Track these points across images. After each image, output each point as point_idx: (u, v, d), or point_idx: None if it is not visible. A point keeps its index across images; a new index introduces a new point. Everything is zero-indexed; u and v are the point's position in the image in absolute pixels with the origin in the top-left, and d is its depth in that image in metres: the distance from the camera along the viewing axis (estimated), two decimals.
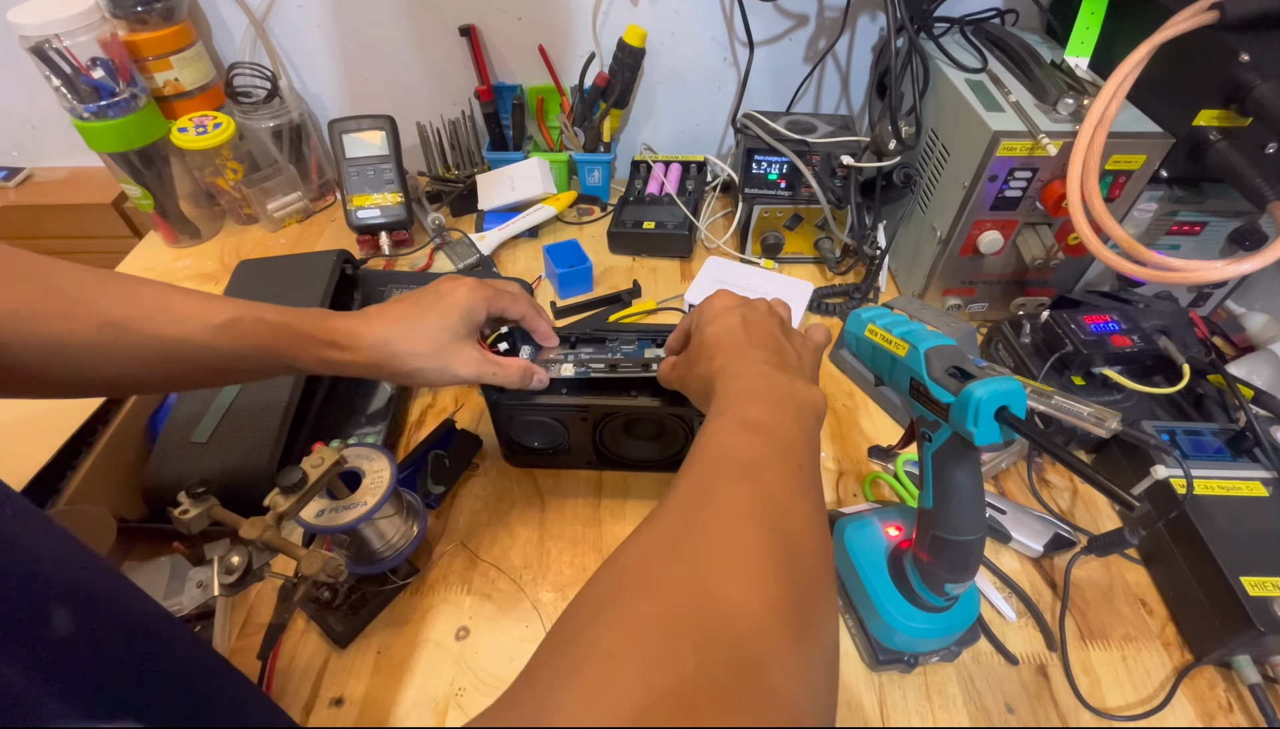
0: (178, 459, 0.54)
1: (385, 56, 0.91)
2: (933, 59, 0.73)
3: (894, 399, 0.66)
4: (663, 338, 0.58)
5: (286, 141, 0.88)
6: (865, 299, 0.78)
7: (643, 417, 0.55)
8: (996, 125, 0.59)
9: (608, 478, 0.61)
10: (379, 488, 0.47)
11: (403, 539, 0.51)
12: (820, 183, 0.76)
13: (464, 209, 0.92)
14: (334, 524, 0.45)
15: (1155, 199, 0.65)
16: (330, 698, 0.47)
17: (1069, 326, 0.62)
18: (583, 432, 0.56)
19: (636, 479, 0.61)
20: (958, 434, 0.37)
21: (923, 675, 0.48)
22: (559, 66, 0.89)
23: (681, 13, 0.86)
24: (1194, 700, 0.47)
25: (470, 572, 0.54)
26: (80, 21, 0.72)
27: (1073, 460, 0.33)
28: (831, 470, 0.62)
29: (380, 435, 0.61)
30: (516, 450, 0.60)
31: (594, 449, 0.58)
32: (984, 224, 0.66)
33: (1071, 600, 0.52)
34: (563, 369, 0.55)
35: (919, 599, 0.44)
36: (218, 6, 0.87)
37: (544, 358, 0.56)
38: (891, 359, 0.42)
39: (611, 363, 0.54)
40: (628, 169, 0.94)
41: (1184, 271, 0.53)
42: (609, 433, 0.57)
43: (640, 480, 0.61)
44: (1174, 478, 0.52)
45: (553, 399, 0.54)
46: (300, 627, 0.50)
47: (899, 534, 0.49)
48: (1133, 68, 0.55)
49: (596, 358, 0.55)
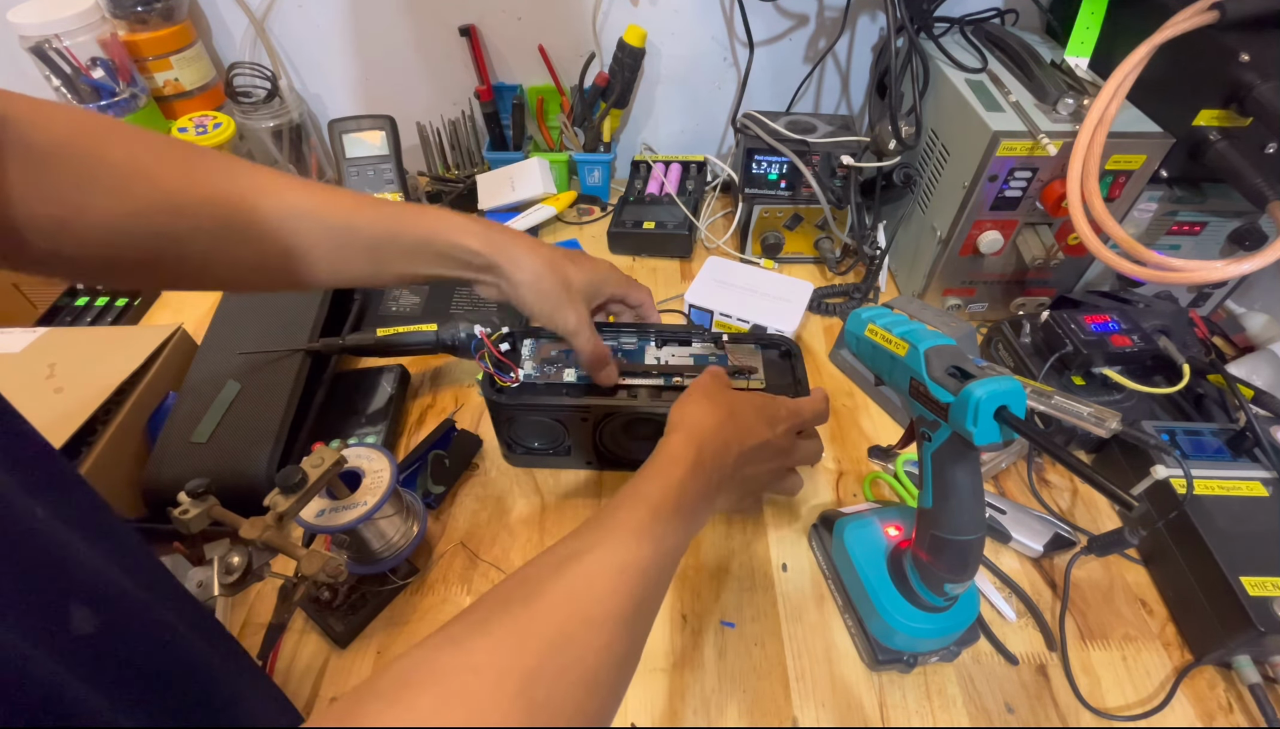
0: (178, 459, 0.54)
1: (385, 56, 0.91)
2: (933, 59, 0.73)
3: (894, 399, 0.66)
4: (664, 336, 0.59)
5: (286, 141, 0.88)
6: (865, 299, 0.78)
7: (643, 417, 0.55)
8: (996, 125, 0.59)
9: (607, 478, 0.61)
10: (379, 488, 0.47)
11: (403, 539, 0.51)
12: (820, 183, 0.77)
13: (464, 209, 0.91)
14: (334, 524, 0.45)
15: (1155, 199, 0.65)
16: (330, 698, 0.47)
17: (1069, 326, 0.62)
18: (583, 432, 0.56)
19: None
20: (957, 434, 0.36)
21: (922, 675, 0.48)
22: (559, 66, 0.89)
23: (681, 13, 0.86)
24: (1194, 700, 0.47)
25: (470, 572, 0.54)
26: (80, 21, 0.72)
27: (1072, 460, 0.33)
28: (831, 470, 0.62)
29: (380, 435, 0.61)
30: (516, 450, 0.60)
31: (594, 449, 0.58)
32: (984, 224, 0.66)
33: (1071, 600, 0.52)
34: (565, 373, 0.55)
35: (919, 599, 0.44)
36: (218, 6, 0.87)
37: (544, 356, 0.56)
38: (891, 359, 0.42)
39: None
40: (628, 169, 0.94)
41: (1184, 271, 0.53)
42: (609, 433, 0.57)
43: None
44: (1174, 478, 0.52)
45: (553, 399, 0.54)
46: (300, 627, 0.50)
47: (899, 534, 0.49)
48: (1133, 68, 0.55)
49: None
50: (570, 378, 0.55)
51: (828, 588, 0.53)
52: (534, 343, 0.58)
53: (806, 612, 0.52)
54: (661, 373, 0.55)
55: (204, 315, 0.75)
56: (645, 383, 0.55)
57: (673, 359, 0.57)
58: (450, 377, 0.70)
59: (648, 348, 0.58)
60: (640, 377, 0.55)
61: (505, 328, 0.57)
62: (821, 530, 0.54)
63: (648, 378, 0.55)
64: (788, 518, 0.58)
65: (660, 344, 0.58)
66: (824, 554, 0.54)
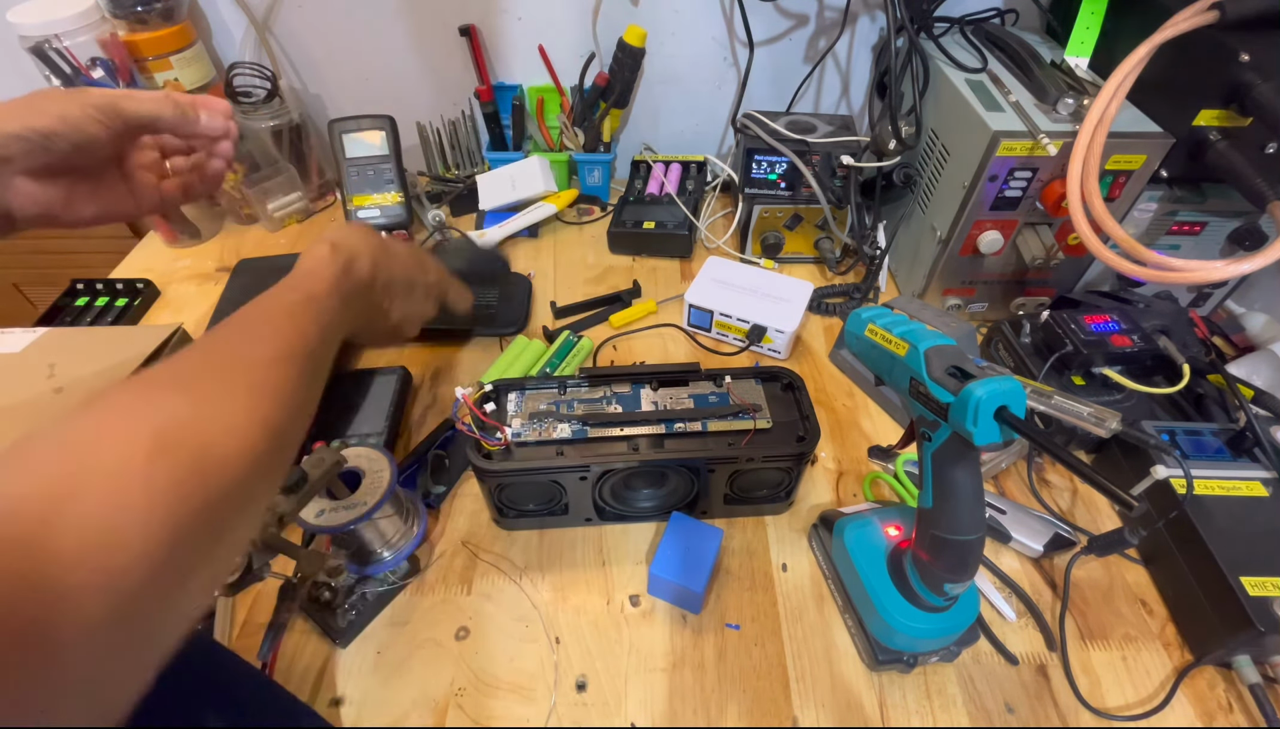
0: None
1: (385, 56, 0.91)
2: (933, 59, 0.73)
3: (894, 399, 0.66)
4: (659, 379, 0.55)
5: (286, 141, 0.88)
6: (865, 299, 0.78)
7: (646, 470, 0.52)
8: (996, 125, 0.59)
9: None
10: (379, 488, 0.47)
11: (403, 539, 0.51)
12: (820, 183, 0.77)
13: (464, 208, 0.92)
14: (334, 524, 0.45)
15: (1155, 199, 0.65)
16: (330, 698, 0.47)
17: (1069, 327, 0.62)
18: (581, 490, 0.53)
19: None
20: (957, 434, 0.37)
21: (922, 675, 0.48)
22: (559, 66, 0.89)
23: (681, 13, 0.86)
24: (1194, 700, 0.47)
25: (470, 572, 0.54)
26: (80, 21, 0.72)
27: (1072, 460, 0.33)
28: (831, 470, 0.62)
29: (380, 435, 0.61)
30: (509, 514, 0.55)
31: (594, 506, 0.55)
32: (984, 224, 0.66)
33: (1071, 600, 0.52)
34: (558, 429, 0.51)
35: (919, 599, 0.44)
36: (218, 6, 0.87)
37: (532, 410, 0.53)
38: (891, 359, 0.42)
39: (610, 417, 0.52)
40: (628, 169, 0.94)
41: (1184, 271, 0.53)
42: (609, 489, 0.53)
43: None
44: (1174, 478, 0.52)
45: (548, 461, 0.50)
46: (300, 627, 0.50)
47: (899, 534, 0.49)
48: (1133, 68, 0.55)
49: (594, 413, 0.52)
50: (564, 433, 0.51)
51: (828, 588, 0.53)
52: (519, 395, 0.54)
53: (806, 612, 0.52)
54: (661, 418, 0.52)
55: (204, 315, 0.75)
56: (645, 431, 0.52)
57: (671, 402, 0.54)
58: (451, 377, 0.70)
59: (643, 392, 0.54)
60: (639, 425, 0.52)
61: (488, 385, 0.54)
62: (821, 530, 0.54)
63: (648, 425, 0.52)
64: (788, 518, 0.58)
65: (656, 387, 0.55)
66: (824, 554, 0.54)
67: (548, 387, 0.55)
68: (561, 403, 0.54)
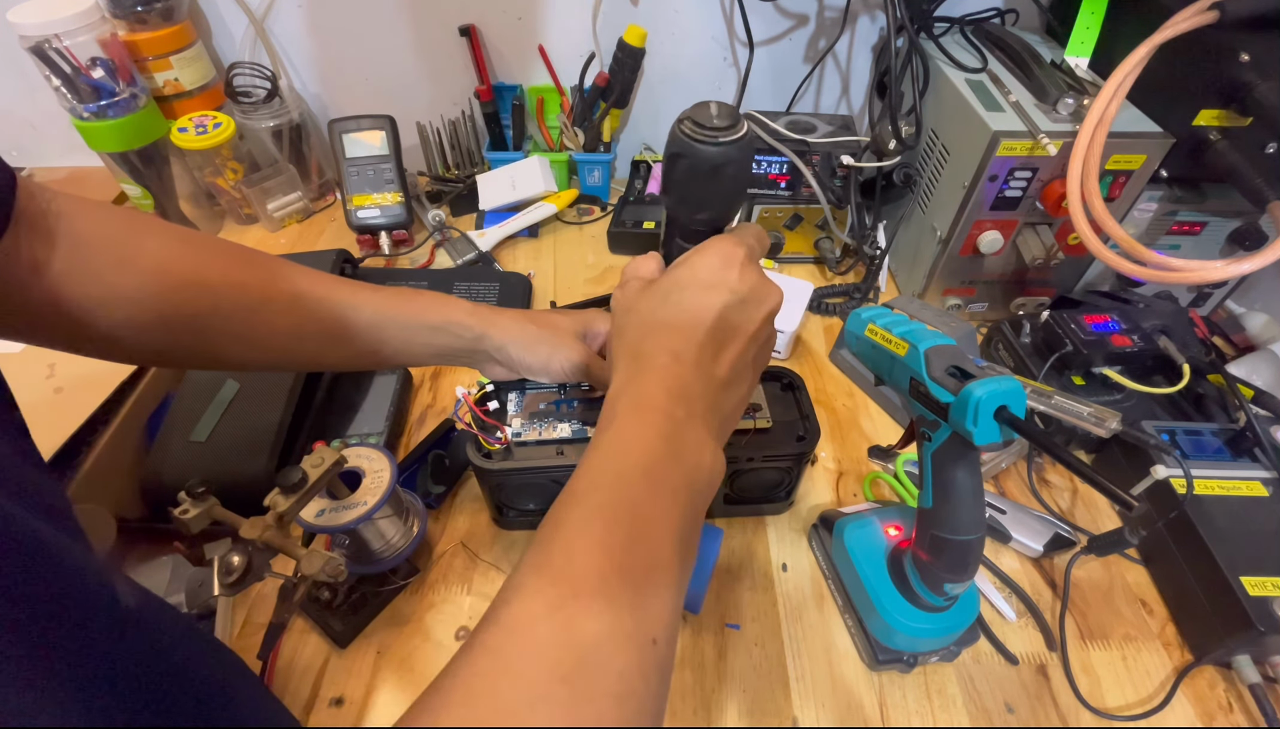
0: (177, 458, 0.54)
1: (385, 57, 0.91)
2: (933, 59, 0.73)
3: (894, 399, 0.66)
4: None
5: (286, 141, 0.88)
6: (865, 299, 0.78)
7: None
8: (996, 125, 0.59)
9: None
10: (379, 488, 0.47)
11: (403, 539, 0.51)
12: (820, 183, 0.76)
13: (464, 209, 0.92)
14: (334, 524, 0.45)
15: (1155, 199, 0.65)
16: (330, 698, 0.47)
17: (1069, 326, 0.62)
18: None
19: None
20: (957, 434, 0.37)
21: (922, 675, 0.48)
22: (559, 66, 0.89)
23: (681, 13, 0.86)
24: (1194, 700, 0.47)
25: (470, 572, 0.54)
26: (80, 21, 0.72)
27: (1072, 460, 0.33)
28: (831, 470, 0.62)
29: (380, 435, 0.61)
30: (508, 515, 0.55)
31: None
32: (984, 224, 0.66)
33: (1071, 600, 0.52)
34: (558, 428, 0.51)
35: (919, 599, 0.44)
36: (218, 6, 0.87)
37: (532, 410, 0.53)
38: (891, 359, 0.42)
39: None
40: (628, 169, 0.94)
41: (1184, 271, 0.53)
42: None
43: None
44: (1174, 478, 0.52)
45: (548, 460, 0.50)
46: (300, 627, 0.50)
47: (899, 534, 0.49)
48: (1133, 68, 0.55)
49: (594, 412, 0.52)
50: (564, 433, 0.51)
51: (828, 588, 0.53)
52: (520, 395, 0.54)
53: (806, 612, 0.52)
54: None
55: None
56: None
57: None
58: (451, 376, 0.70)
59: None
60: None
61: (488, 384, 0.53)
62: (821, 530, 0.54)
63: None
64: (788, 518, 0.58)
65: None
66: (824, 554, 0.54)
67: (548, 386, 0.55)
68: (561, 402, 0.54)
